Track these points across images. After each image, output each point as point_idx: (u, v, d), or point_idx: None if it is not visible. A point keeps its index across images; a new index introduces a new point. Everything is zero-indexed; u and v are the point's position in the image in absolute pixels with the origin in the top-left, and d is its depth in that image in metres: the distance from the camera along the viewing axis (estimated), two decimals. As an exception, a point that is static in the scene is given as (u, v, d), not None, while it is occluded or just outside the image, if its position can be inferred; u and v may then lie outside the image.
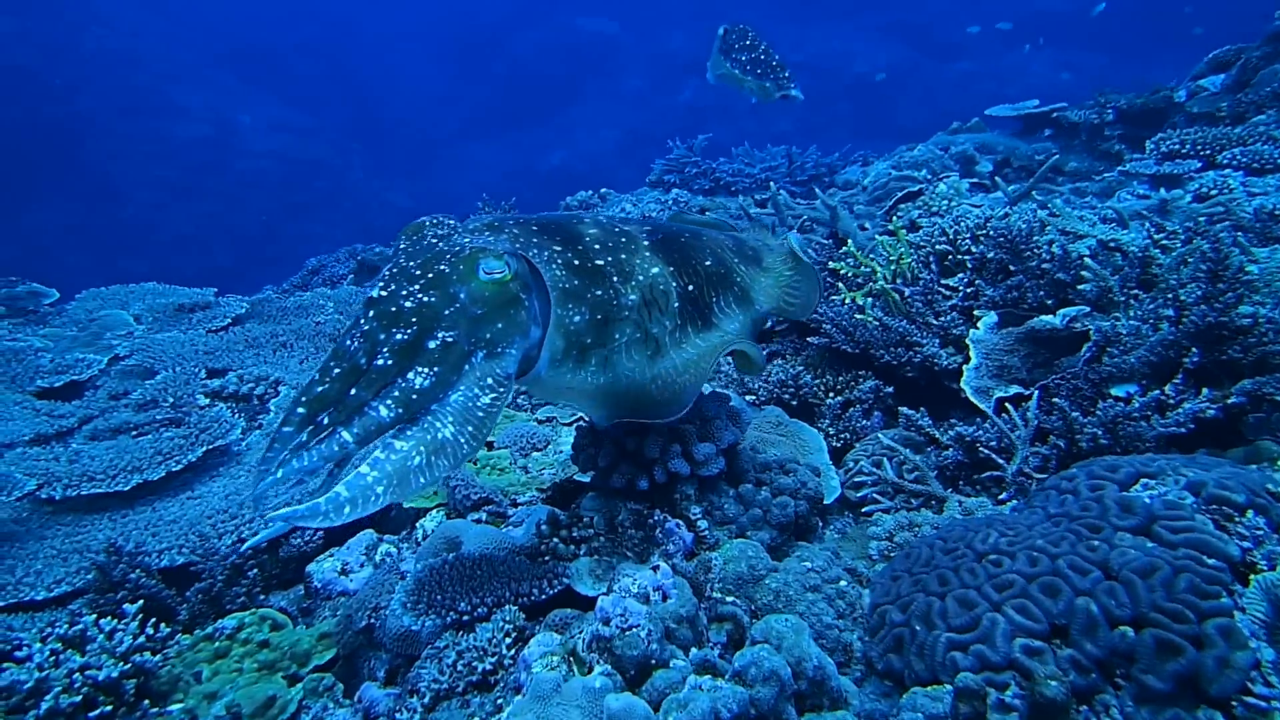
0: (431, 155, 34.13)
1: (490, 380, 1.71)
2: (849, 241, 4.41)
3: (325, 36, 35.24)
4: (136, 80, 29.48)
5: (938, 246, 3.86)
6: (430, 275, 1.75)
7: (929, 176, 6.80)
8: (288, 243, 23.79)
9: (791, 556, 2.48)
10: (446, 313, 1.71)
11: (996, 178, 6.36)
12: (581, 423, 2.94)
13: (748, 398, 3.53)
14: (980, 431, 2.95)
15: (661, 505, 2.55)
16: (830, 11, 31.92)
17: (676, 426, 2.51)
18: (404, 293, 1.72)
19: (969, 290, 3.68)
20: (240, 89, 31.85)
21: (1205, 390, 2.82)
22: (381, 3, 36.69)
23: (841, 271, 3.90)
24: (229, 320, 5.04)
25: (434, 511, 2.88)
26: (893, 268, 3.81)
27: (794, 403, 3.46)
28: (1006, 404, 2.99)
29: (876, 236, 4.34)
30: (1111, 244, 3.52)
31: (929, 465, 3.03)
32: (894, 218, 4.53)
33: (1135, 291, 3.24)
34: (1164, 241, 3.67)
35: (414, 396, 1.64)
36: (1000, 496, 2.76)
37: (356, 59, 35.47)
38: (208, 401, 3.94)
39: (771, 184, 5.52)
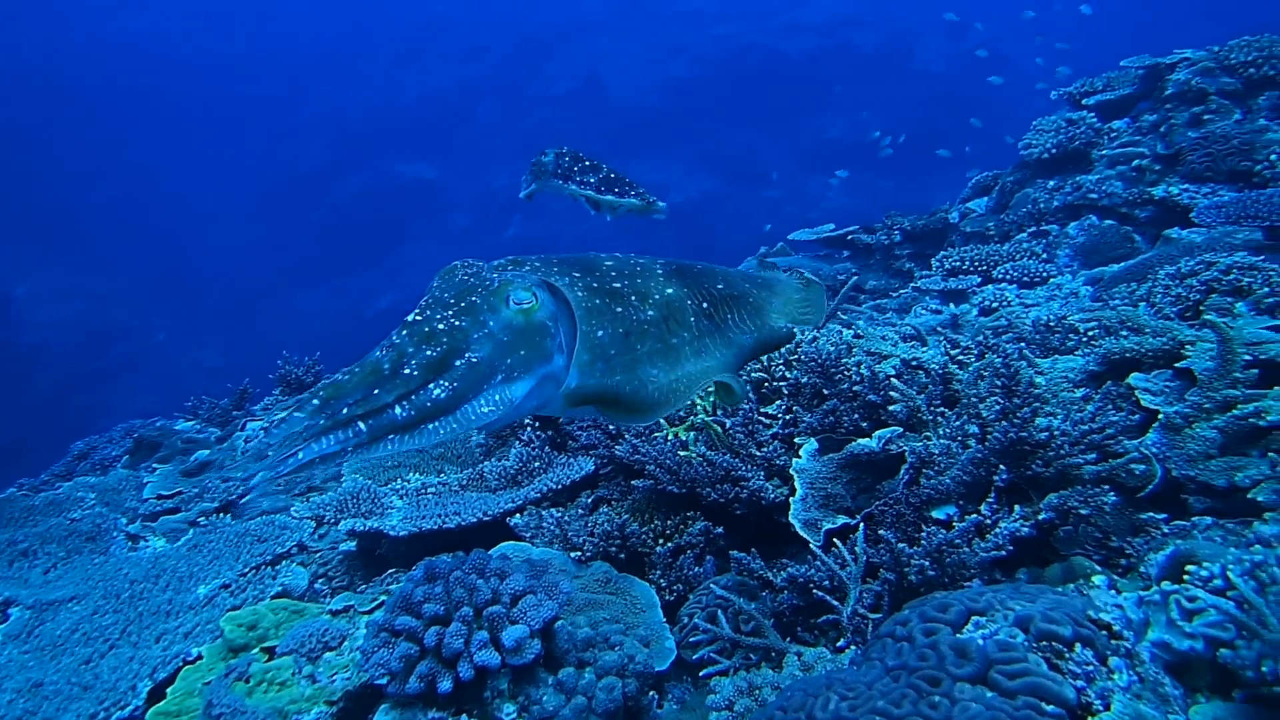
0: (249, 308, 32.49)
1: (499, 397, 1.84)
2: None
3: (121, 195, 33.58)
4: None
5: (753, 374, 3.84)
6: (463, 304, 1.91)
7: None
8: (80, 416, 21.38)
9: (624, 750, 2.18)
10: (475, 337, 1.86)
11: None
12: (378, 615, 2.56)
13: (573, 554, 3.26)
14: (812, 570, 2.81)
15: (470, 708, 2.20)
16: (645, 147, 33.99)
17: (483, 608, 2.20)
18: (438, 317, 1.87)
19: (788, 418, 3.65)
20: (17, 259, 29.43)
21: (1017, 508, 2.85)
22: (184, 157, 35.54)
23: (661, 408, 3.78)
24: (-50, 533, 4.14)
25: (194, 750, 2.35)
26: (712, 399, 3.74)
27: (621, 555, 3.22)
28: (834, 539, 2.89)
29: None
30: (914, 363, 3.62)
31: (765, 612, 2.85)
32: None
33: (941, 409, 3.30)
34: (960, 357, 3.83)
35: (428, 405, 1.75)
36: (839, 643, 2.60)
37: (159, 216, 33.89)
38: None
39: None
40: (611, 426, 3.98)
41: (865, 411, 3.48)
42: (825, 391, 3.60)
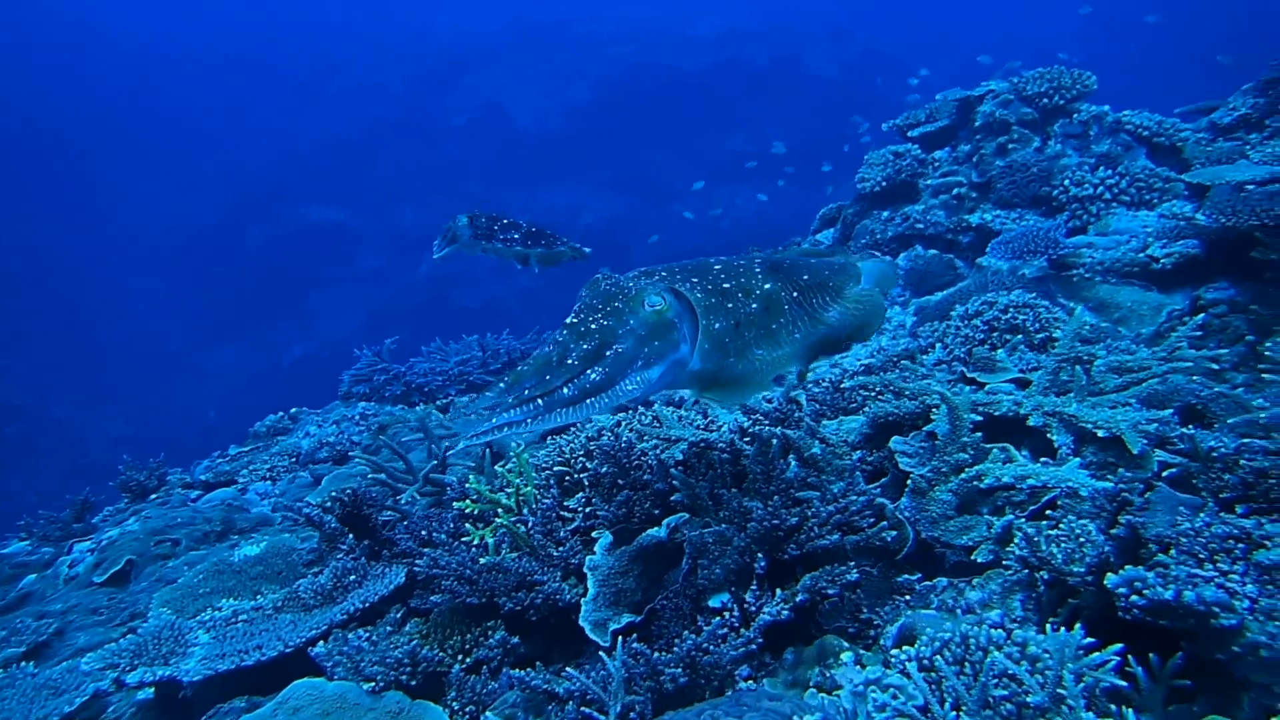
0: (156, 371, 31.33)
1: (639, 379, 2.42)
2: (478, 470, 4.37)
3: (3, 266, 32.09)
4: None
5: (555, 467, 3.89)
6: (609, 308, 2.46)
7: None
8: (-28, 506, 20.32)
9: None
10: (620, 333, 2.42)
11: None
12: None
13: (365, 685, 3.24)
14: (585, 684, 2.86)
15: None
16: (553, 172, 34.02)
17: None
18: (590, 319, 2.44)
19: (587, 510, 3.70)
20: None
21: (779, 592, 2.96)
22: (70, 217, 34.13)
23: (467, 510, 3.79)
24: None
25: None
26: (515, 498, 3.77)
27: (413, 683, 3.21)
28: (605, 648, 2.94)
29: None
30: (701, 444, 3.72)
31: (546, 729, 2.89)
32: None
33: (722, 493, 3.39)
34: (753, 429, 3.95)
35: (588, 386, 2.34)
36: (599, 763, 2.65)
37: (46, 282, 32.44)
38: None
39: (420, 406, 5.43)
40: (423, 532, 3.98)
41: (656, 499, 3.56)
42: (620, 481, 3.67)
